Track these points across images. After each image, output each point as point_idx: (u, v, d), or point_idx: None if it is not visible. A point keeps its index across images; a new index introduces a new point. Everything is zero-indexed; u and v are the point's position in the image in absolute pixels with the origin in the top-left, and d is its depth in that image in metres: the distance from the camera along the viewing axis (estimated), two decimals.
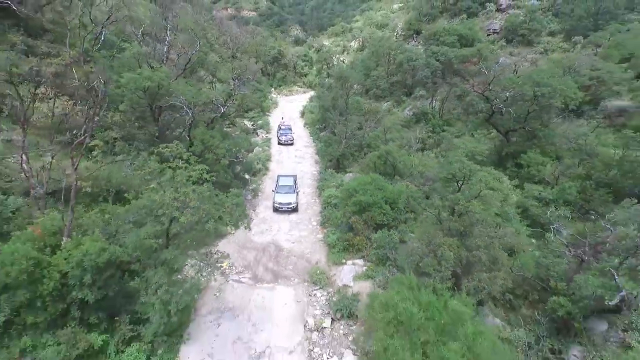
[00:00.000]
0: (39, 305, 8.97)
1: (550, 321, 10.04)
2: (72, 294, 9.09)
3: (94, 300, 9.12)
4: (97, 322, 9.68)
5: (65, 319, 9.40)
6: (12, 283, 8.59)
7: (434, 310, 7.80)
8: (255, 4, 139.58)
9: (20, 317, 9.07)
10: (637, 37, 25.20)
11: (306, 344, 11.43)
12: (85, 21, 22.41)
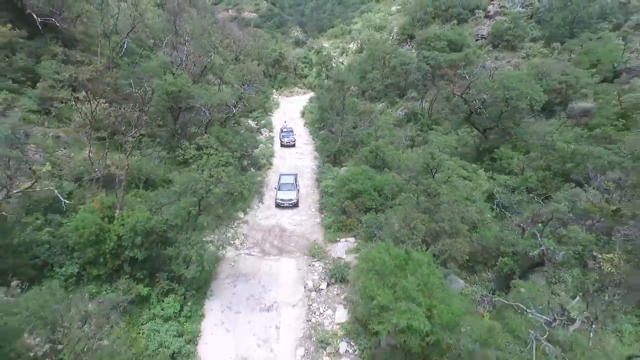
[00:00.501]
0: (101, 261, 11.74)
1: (499, 278, 12.77)
2: (125, 253, 11.82)
3: (141, 259, 11.86)
4: (142, 277, 12.42)
5: (119, 274, 12.16)
6: (82, 243, 11.36)
7: (401, 260, 10.53)
8: (255, 5, 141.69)
9: (86, 271, 11.84)
10: (606, 45, 27.97)
11: (306, 300, 14.20)
12: (109, 31, 25.29)
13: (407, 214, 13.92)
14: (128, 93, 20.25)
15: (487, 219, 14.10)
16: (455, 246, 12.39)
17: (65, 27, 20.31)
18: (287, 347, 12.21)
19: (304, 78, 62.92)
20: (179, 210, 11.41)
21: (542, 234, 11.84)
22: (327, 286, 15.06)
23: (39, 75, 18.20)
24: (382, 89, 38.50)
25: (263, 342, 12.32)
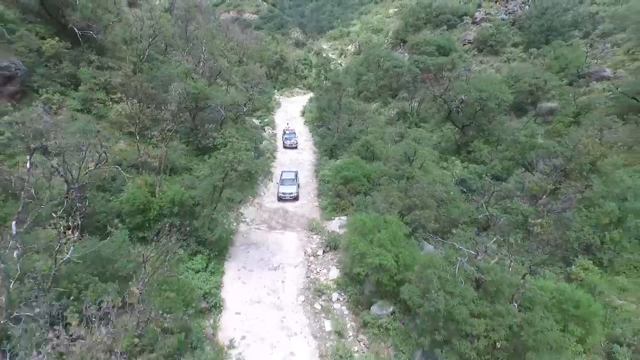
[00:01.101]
0: (147, 225, 15.21)
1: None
2: (164, 220, 15.25)
3: (177, 224, 15.30)
4: (177, 240, 15.87)
5: (159, 236, 15.60)
6: (133, 211, 14.83)
7: (377, 222, 13.98)
8: (256, 7, 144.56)
9: (134, 234, 15.29)
10: (574, 51, 31.42)
11: (306, 263, 17.68)
12: (131, 39, 28.85)
13: (388, 193, 17.40)
14: (153, 94, 23.83)
15: (456, 197, 17.48)
16: (424, 216, 15.84)
17: (100, 38, 23.76)
18: (290, 295, 15.67)
19: (304, 79, 66.31)
20: (207, 186, 14.85)
21: (488, 204, 15.29)
22: (323, 253, 18.53)
23: (80, 80, 21.65)
24: (376, 90, 41.96)
25: (272, 291, 15.77)
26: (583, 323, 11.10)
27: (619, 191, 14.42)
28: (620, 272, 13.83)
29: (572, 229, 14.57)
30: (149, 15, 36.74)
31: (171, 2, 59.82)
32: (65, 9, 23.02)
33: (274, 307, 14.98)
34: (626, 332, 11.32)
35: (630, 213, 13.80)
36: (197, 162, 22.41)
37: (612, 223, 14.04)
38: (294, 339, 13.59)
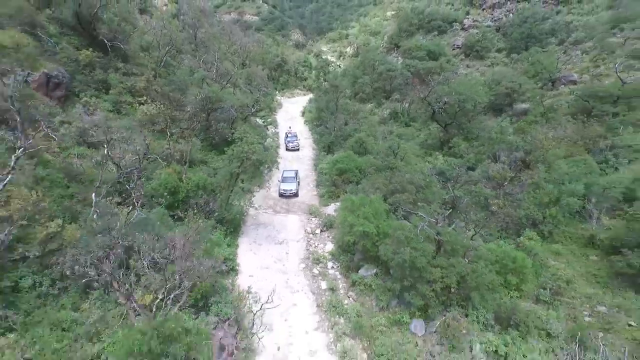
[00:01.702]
0: (176, 205, 18.76)
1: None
2: (190, 201, 18.83)
3: (202, 205, 18.88)
4: (200, 218, 19.45)
5: (187, 215, 19.17)
6: (165, 193, 18.39)
7: (364, 201, 17.53)
8: (257, 8, 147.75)
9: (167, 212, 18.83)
10: (549, 57, 34.98)
11: (306, 239, 21.24)
12: (147, 47, 32.44)
13: (374, 181, 20.99)
14: (171, 97, 27.42)
15: (431, 183, 20.96)
16: (402, 198, 19.40)
17: (124, 47, 27.33)
18: (293, 263, 19.22)
19: (304, 81, 69.86)
20: (226, 173, 18.42)
21: (454, 188, 18.86)
22: (321, 232, 22.10)
23: (110, 85, 25.22)
24: (371, 92, 45.52)
25: (278, 260, 19.32)
26: (518, 274, 14.68)
27: (557, 176, 17.97)
28: (557, 241, 17.40)
29: (522, 207, 18.14)
30: (161, 24, 40.45)
31: (178, 8, 63.36)
32: (96, 23, 26.61)
33: (280, 271, 18.53)
34: (550, 280, 14.88)
35: (564, 194, 17.35)
36: (211, 156, 26.03)
37: (552, 202, 17.60)
38: (296, 294, 17.14)
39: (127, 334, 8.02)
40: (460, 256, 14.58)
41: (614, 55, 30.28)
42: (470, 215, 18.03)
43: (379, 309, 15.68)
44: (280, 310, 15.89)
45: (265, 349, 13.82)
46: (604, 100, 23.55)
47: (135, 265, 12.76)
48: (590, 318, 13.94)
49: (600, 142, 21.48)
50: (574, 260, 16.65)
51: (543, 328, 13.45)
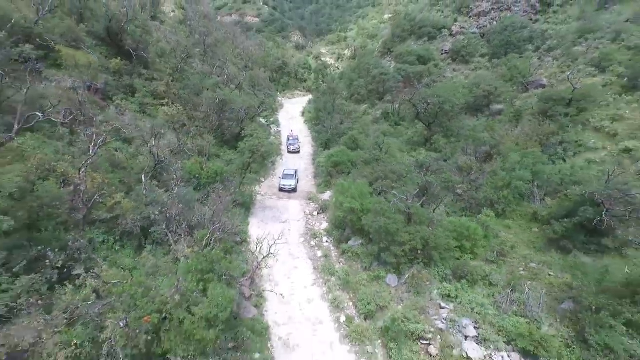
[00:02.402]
0: (199, 188, 23.05)
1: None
2: (211, 185, 23.10)
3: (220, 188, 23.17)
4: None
5: (208, 193, 23.40)
6: (190, 177, 22.67)
7: (351, 184, 21.81)
8: (257, 10, 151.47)
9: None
10: (524, 63, 39.24)
11: (305, 219, 25.53)
12: (163, 54, 36.73)
13: (362, 170, 25.29)
14: (187, 99, 31.71)
15: (410, 172, 25.18)
16: (385, 184, 23.70)
17: (146, 55, 31.63)
18: (295, 237, 23.49)
19: (304, 82, 74.22)
20: (240, 163, 22.71)
21: (426, 174, 23.14)
22: (317, 214, 26.39)
23: (135, 89, 29.48)
24: (366, 93, 49.82)
25: (282, 234, 23.58)
26: (471, 240, 18.94)
27: (510, 166, 22.21)
28: (508, 217, 21.67)
29: (482, 191, 22.42)
30: (172, 30, 44.79)
31: (184, 15, 67.66)
32: (123, 35, 30.89)
33: (283, 243, 22.81)
34: (497, 246, 19.17)
35: (514, 179, 21.60)
36: (223, 151, 30.34)
37: (505, 186, 21.84)
38: (297, 260, 21.42)
39: (186, 261, 12.28)
40: (425, 225, 18.85)
41: (577, 62, 34.56)
42: (440, 196, 22.34)
43: (363, 269, 19.95)
44: (284, 272, 20.22)
45: (273, 298, 18.11)
46: (557, 103, 27.77)
47: (178, 227, 17.09)
48: (524, 272, 18.20)
49: (552, 138, 25.75)
50: (520, 232, 20.92)
51: (487, 279, 17.72)
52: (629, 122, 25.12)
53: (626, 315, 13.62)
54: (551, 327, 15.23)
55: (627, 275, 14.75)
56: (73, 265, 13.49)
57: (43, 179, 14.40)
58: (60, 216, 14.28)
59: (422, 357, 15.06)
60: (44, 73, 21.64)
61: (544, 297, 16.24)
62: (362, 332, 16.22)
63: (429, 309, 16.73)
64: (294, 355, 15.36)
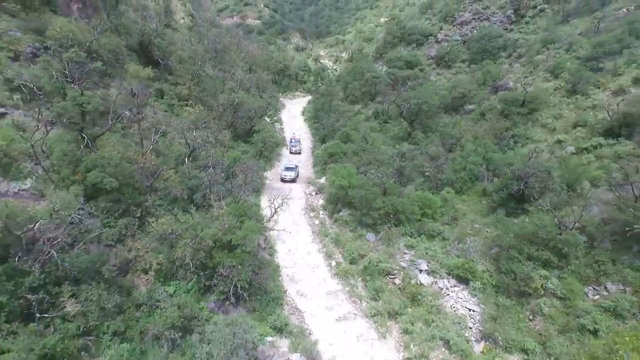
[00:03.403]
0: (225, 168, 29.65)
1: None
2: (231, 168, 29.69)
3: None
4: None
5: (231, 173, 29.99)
6: (216, 161, 29.26)
7: (343, 168, 28.35)
8: (258, 12, 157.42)
9: None
10: (497, 68, 45.77)
11: (305, 197, 32.19)
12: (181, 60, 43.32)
13: (351, 158, 31.91)
14: (205, 100, 38.31)
15: (390, 160, 31.65)
16: (369, 168, 30.27)
17: (171, 63, 38.23)
18: (297, 210, 30.08)
19: (304, 84, 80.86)
20: (254, 151, 29.25)
21: (402, 160, 29.67)
22: (315, 194, 32.97)
23: (164, 92, 36.03)
24: (360, 95, 56.39)
25: (287, 209, 30.16)
26: (431, 209, 25.46)
27: (466, 153, 28.75)
28: (465, 193, 28.24)
29: (445, 173, 28.98)
30: (187, 38, 51.41)
31: (193, 22, 74.23)
32: (152, 47, 37.50)
33: (288, 215, 29.37)
34: (452, 213, 25.73)
35: (469, 163, 28.16)
36: (237, 144, 36.87)
37: (461, 169, 28.41)
38: (299, 226, 27.97)
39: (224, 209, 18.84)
40: (396, 196, 25.42)
41: (538, 68, 41.08)
42: (412, 177, 28.97)
43: (350, 231, 26.53)
44: (288, 235, 26.76)
45: (282, 250, 24.67)
46: (513, 104, 34.27)
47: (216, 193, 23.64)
48: (470, 230, 24.72)
49: (505, 133, 32.30)
50: (472, 204, 27.45)
51: (441, 235, 24.25)
52: (565, 119, 31.67)
53: (527, 252, 20.11)
54: (482, 264, 21.77)
55: (533, 226, 21.17)
56: (146, 216, 20.04)
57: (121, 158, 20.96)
58: (135, 184, 20.81)
59: (390, 286, 21.64)
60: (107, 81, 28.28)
61: (480, 246, 22.81)
62: (347, 271, 22.81)
63: (396, 254, 23.32)
64: (298, 286, 21.93)
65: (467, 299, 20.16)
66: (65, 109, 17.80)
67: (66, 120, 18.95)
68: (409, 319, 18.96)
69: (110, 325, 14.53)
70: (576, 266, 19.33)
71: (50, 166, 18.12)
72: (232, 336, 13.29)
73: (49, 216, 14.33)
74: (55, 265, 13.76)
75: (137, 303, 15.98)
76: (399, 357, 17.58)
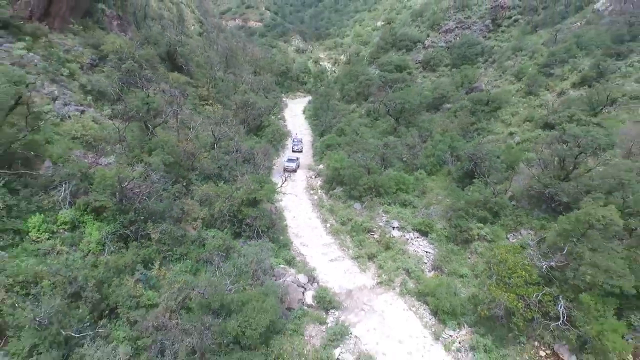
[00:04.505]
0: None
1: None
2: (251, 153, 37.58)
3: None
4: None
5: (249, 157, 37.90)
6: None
7: (337, 154, 36.13)
8: (260, 15, 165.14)
9: None
10: (473, 72, 53.59)
11: (306, 180, 40.10)
12: (198, 64, 51.25)
13: (344, 148, 39.83)
14: (222, 100, 46.20)
15: (377, 148, 39.42)
16: (357, 155, 38.15)
17: (192, 68, 46.11)
18: (300, 189, 37.95)
19: (304, 85, 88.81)
20: (265, 141, 37.05)
21: (385, 148, 37.44)
22: (314, 177, 40.85)
23: (188, 93, 43.87)
24: (355, 95, 64.27)
25: (292, 188, 37.99)
26: (405, 185, 33.29)
27: (434, 143, 36.61)
28: (434, 174, 36.08)
29: (419, 158, 36.80)
30: (201, 45, 59.38)
31: (202, 28, 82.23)
32: (176, 55, 45.42)
33: (293, 189, 37.15)
34: (422, 188, 33.58)
35: (437, 150, 35.99)
36: (249, 137, 44.68)
37: (431, 155, 36.23)
38: (301, 201, 35.82)
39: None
40: (377, 175, 33.25)
41: (506, 72, 48.88)
42: (392, 161, 36.84)
43: (341, 203, 34.34)
44: (293, 206, 34.57)
45: (288, 216, 32.49)
46: (479, 103, 42.10)
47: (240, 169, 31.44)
48: (434, 201, 32.51)
49: (471, 127, 40.16)
50: (439, 182, 35.24)
51: (412, 204, 32.06)
52: (520, 115, 39.48)
53: (471, 212, 27.84)
54: (440, 223, 29.56)
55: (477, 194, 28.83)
56: (189, 185, 27.84)
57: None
58: (180, 162, 28.59)
59: (370, 240, 29.43)
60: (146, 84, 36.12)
61: (440, 211, 30.61)
62: (338, 230, 30.64)
63: (376, 217, 31.14)
64: (301, 239, 29.73)
65: (425, 246, 28.04)
66: (137, 107, 25.59)
67: (137, 114, 26.75)
68: (382, 259, 26.74)
69: (177, 250, 22.28)
70: (504, 220, 27.13)
71: (127, 146, 25.88)
72: (259, 252, 21.07)
73: (138, 176, 22.12)
74: (143, 208, 21.53)
75: (191, 240, 23.74)
76: (373, 282, 25.35)
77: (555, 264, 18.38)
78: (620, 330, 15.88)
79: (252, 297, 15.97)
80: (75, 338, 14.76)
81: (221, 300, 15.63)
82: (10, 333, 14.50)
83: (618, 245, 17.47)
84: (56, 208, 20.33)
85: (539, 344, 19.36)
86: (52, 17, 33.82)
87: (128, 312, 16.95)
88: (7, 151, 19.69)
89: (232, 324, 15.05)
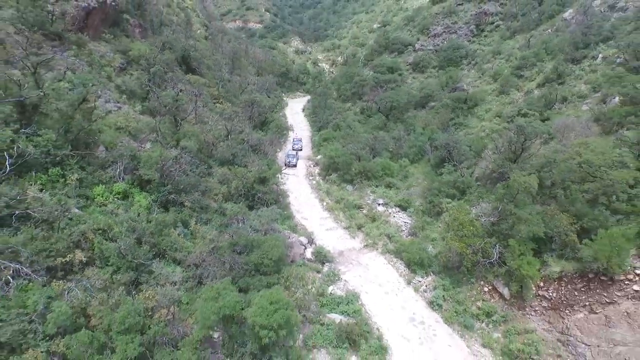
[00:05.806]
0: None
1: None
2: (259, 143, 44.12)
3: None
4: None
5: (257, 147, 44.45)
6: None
7: (332, 146, 42.62)
8: (260, 17, 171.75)
9: None
10: (457, 73, 60.13)
11: (306, 167, 46.65)
12: (207, 66, 57.79)
13: (339, 140, 46.44)
14: (230, 99, 52.75)
15: (367, 140, 45.87)
16: (350, 146, 44.71)
17: (204, 71, 52.60)
18: (300, 176, 44.47)
19: (304, 85, 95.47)
20: (271, 134, 43.56)
21: (374, 140, 43.97)
22: (313, 166, 47.38)
23: (201, 93, 50.31)
24: (350, 95, 70.89)
25: (293, 174, 44.46)
26: (390, 170, 39.84)
27: (416, 135, 43.10)
28: (416, 162, 42.63)
29: (403, 149, 43.35)
30: (208, 48, 65.90)
31: (207, 31, 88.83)
32: (190, 58, 51.94)
33: (295, 178, 43.64)
34: (405, 172, 40.13)
35: (418, 141, 42.49)
36: (255, 131, 51.18)
37: (414, 146, 42.75)
38: (302, 185, 42.30)
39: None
40: (366, 161, 39.76)
41: (485, 74, 55.46)
42: (380, 151, 43.42)
43: (336, 185, 40.86)
44: (295, 189, 41.05)
45: (292, 197, 38.98)
46: (458, 101, 48.65)
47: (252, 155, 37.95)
48: (415, 183, 39.02)
49: (450, 122, 46.72)
50: (420, 168, 41.78)
51: (395, 186, 38.59)
52: (492, 112, 46.07)
53: (443, 190, 34.34)
54: (418, 201, 36.06)
55: (449, 176, 35.27)
56: (210, 168, 34.28)
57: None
58: (201, 149, 35.03)
59: (359, 214, 35.90)
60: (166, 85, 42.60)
61: (419, 191, 37.13)
62: (333, 207, 37.15)
63: (365, 197, 37.66)
64: (302, 214, 36.16)
65: (404, 218, 34.53)
66: (169, 104, 32.08)
67: (167, 109, 33.22)
68: (369, 228, 33.19)
69: (204, 215, 28.70)
70: (469, 196, 33.62)
71: (161, 135, 32.33)
72: (271, 214, 27.58)
73: (173, 157, 28.60)
74: (178, 182, 27.94)
75: (214, 210, 30.16)
76: (361, 245, 31.83)
77: (494, 219, 24.89)
78: (534, 263, 22.35)
79: (267, 238, 22.43)
80: (143, 265, 21.17)
81: (245, 240, 22.06)
82: (98, 262, 20.91)
83: (536, 204, 24.00)
84: (112, 181, 26.81)
85: (484, 283, 25.84)
86: (89, 28, 40.35)
87: (174, 254, 23.39)
88: (76, 137, 26.17)
89: (253, 256, 21.47)
